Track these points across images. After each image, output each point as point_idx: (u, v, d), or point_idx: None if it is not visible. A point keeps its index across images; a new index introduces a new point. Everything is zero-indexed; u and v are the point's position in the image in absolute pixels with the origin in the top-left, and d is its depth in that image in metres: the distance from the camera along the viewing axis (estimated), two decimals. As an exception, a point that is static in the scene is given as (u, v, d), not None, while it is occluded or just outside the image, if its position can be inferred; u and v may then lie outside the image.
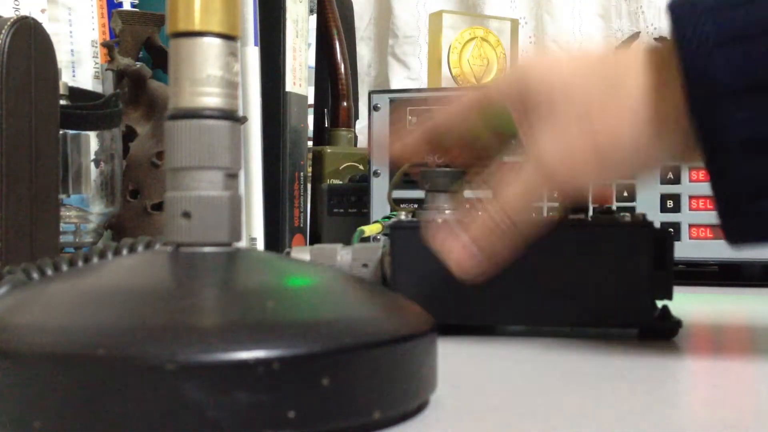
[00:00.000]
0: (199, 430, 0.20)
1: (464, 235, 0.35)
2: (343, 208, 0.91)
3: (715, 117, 0.30)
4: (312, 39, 0.95)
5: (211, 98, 0.25)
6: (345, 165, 0.86)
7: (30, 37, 0.50)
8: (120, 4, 0.74)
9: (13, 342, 0.21)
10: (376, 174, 0.73)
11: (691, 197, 0.68)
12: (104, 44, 0.71)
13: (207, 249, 0.25)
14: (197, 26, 0.25)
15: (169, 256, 0.25)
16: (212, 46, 0.25)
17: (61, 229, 0.55)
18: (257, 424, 0.20)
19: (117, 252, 0.32)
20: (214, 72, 0.25)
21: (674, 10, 0.31)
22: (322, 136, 0.93)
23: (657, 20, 1.07)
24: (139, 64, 0.65)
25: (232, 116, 0.25)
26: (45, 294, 0.24)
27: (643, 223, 0.39)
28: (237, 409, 0.20)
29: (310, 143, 0.86)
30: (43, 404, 0.20)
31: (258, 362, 0.20)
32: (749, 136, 0.30)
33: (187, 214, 0.25)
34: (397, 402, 0.23)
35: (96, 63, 0.73)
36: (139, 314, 0.22)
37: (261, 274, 0.25)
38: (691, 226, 0.68)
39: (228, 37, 0.25)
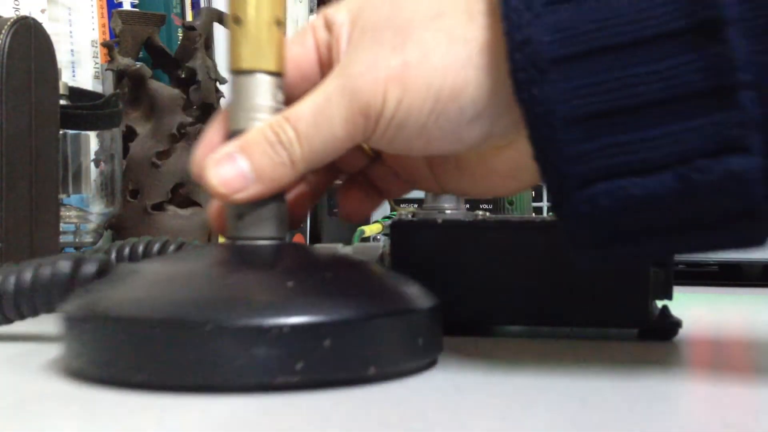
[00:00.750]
0: (230, 375, 0.27)
1: (234, 148, 0.31)
2: (343, 208, 0.91)
3: (537, 87, 0.27)
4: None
5: (261, 122, 0.31)
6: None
7: (30, 37, 0.50)
8: (120, 4, 0.74)
9: (105, 308, 0.29)
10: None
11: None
12: (104, 44, 0.71)
13: (257, 242, 0.32)
14: (251, 66, 0.32)
15: (226, 248, 0.33)
16: (262, 81, 0.32)
17: (61, 229, 0.55)
18: (272, 373, 0.27)
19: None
20: (263, 102, 0.32)
21: None
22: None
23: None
24: (139, 64, 0.65)
25: None
26: (131, 275, 0.31)
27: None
28: (257, 360, 0.27)
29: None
30: (123, 354, 0.28)
31: (272, 327, 0.27)
32: (577, 108, 0.27)
33: (241, 215, 0.32)
34: (390, 362, 0.29)
35: (96, 63, 0.73)
36: (193, 289, 0.29)
37: (291, 260, 0.32)
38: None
39: (275, 74, 0.32)
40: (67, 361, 0.30)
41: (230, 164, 0.31)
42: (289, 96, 0.33)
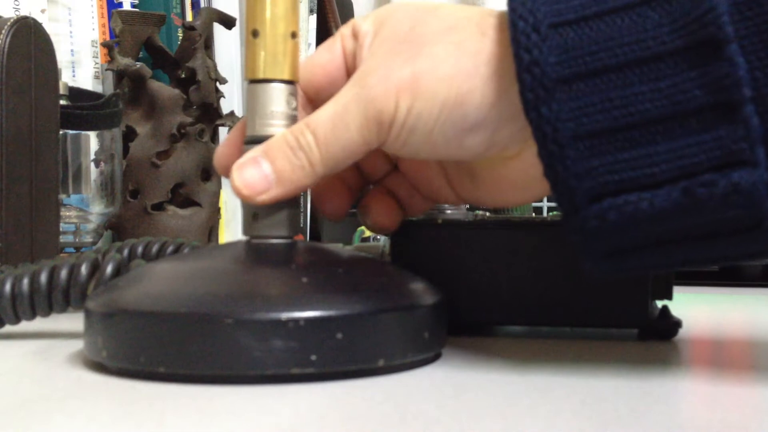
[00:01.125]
0: (248, 366, 0.28)
1: (258, 152, 0.33)
2: (343, 208, 0.91)
3: (545, 106, 0.29)
4: (312, 39, 0.95)
5: (275, 128, 0.33)
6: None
7: (30, 37, 0.50)
8: (120, 4, 0.74)
9: (129, 303, 0.30)
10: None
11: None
12: (104, 44, 0.71)
13: (271, 241, 0.34)
14: (267, 75, 0.33)
15: (243, 246, 0.34)
16: (277, 89, 0.34)
17: (61, 229, 0.55)
18: (289, 363, 0.28)
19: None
20: (278, 108, 0.34)
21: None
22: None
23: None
24: (139, 64, 0.65)
25: None
26: (152, 272, 0.33)
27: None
28: (275, 352, 0.28)
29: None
30: (146, 347, 0.29)
31: (289, 320, 0.28)
32: (584, 125, 0.28)
33: (255, 216, 0.34)
34: (398, 354, 0.31)
35: (96, 63, 0.73)
36: (213, 285, 0.30)
37: (305, 257, 0.34)
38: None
39: (289, 82, 0.34)
40: (90, 354, 0.32)
41: (254, 168, 0.32)
42: (317, 99, 0.35)
